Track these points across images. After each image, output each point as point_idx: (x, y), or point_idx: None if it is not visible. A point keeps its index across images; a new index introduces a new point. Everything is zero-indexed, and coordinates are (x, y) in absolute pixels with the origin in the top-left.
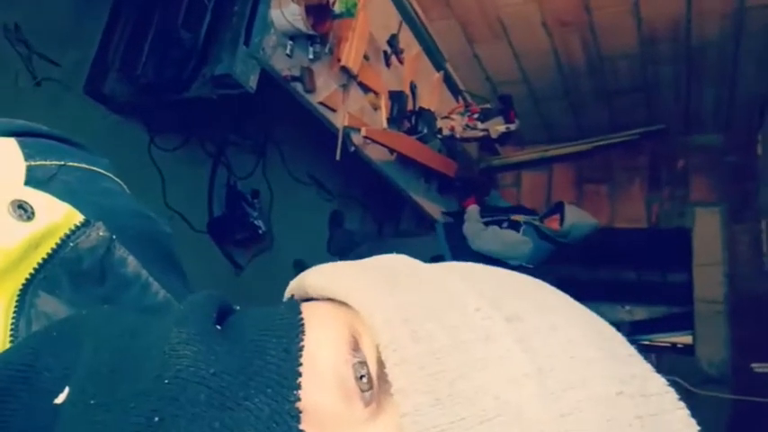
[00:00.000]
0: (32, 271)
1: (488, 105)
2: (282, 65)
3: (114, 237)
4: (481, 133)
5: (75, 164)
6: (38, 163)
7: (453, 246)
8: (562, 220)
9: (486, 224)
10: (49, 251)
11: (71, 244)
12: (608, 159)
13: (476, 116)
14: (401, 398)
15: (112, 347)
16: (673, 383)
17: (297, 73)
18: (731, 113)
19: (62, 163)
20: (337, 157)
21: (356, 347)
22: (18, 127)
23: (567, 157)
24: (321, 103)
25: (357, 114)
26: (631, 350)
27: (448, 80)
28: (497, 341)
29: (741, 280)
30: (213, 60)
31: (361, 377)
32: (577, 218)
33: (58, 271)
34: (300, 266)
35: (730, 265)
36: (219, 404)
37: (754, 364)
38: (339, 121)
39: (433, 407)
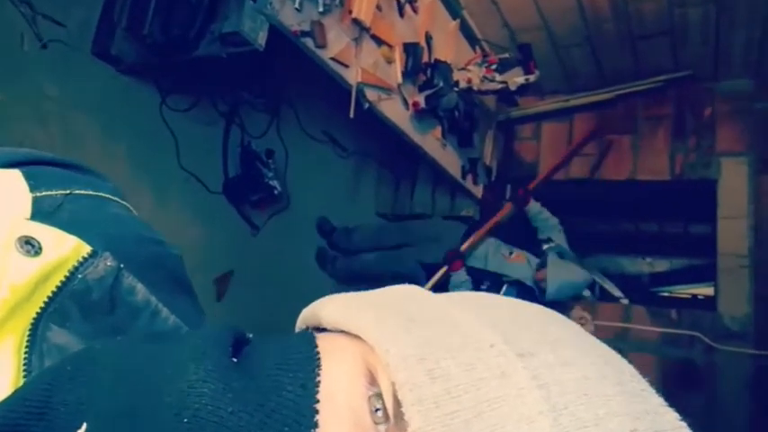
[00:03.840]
0: (42, 305)
1: (507, 55)
2: (292, 20)
3: (122, 266)
4: (500, 86)
5: (82, 191)
6: (43, 194)
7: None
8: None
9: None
10: (59, 284)
11: (79, 276)
12: (631, 109)
13: (494, 67)
14: None
15: (130, 383)
16: (694, 339)
17: (307, 28)
18: (762, 57)
19: (68, 192)
20: (351, 115)
21: (372, 381)
22: (22, 156)
23: (588, 107)
24: (333, 59)
25: (371, 69)
26: (644, 384)
27: (464, 28)
28: (512, 378)
29: (767, 233)
30: (220, 17)
31: (377, 410)
32: (561, 276)
33: (67, 303)
34: (324, 224)
35: (756, 218)
36: None
37: None
38: (352, 77)
39: None
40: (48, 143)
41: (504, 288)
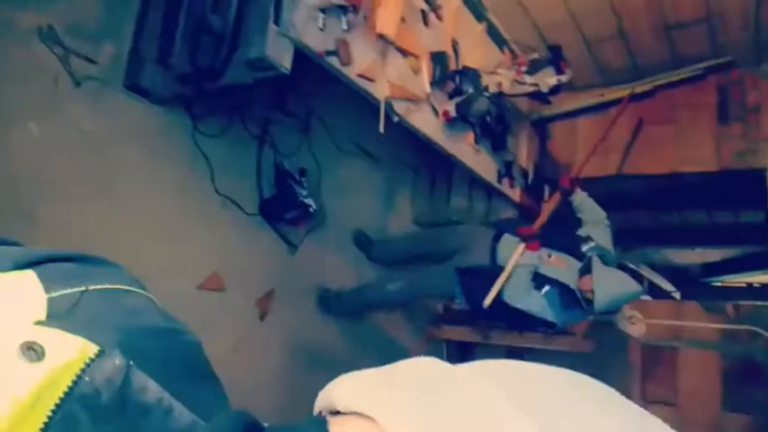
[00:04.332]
0: (50, 413)
1: (536, 55)
2: (316, 40)
3: (132, 363)
4: (531, 88)
5: (97, 286)
6: (58, 294)
7: (470, 298)
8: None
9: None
10: (66, 389)
11: (87, 378)
12: (670, 99)
13: (524, 69)
14: None
15: None
16: (754, 334)
17: (331, 47)
18: None
19: (83, 288)
20: (380, 130)
21: None
22: (37, 256)
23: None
24: (359, 76)
25: (398, 82)
26: None
27: (491, 31)
28: None
29: None
30: (245, 43)
31: None
32: (611, 288)
33: (76, 409)
34: (360, 236)
35: None
36: None
37: None
38: (379, 91)
39: None
40: (85, 178)
41: (547, 288)
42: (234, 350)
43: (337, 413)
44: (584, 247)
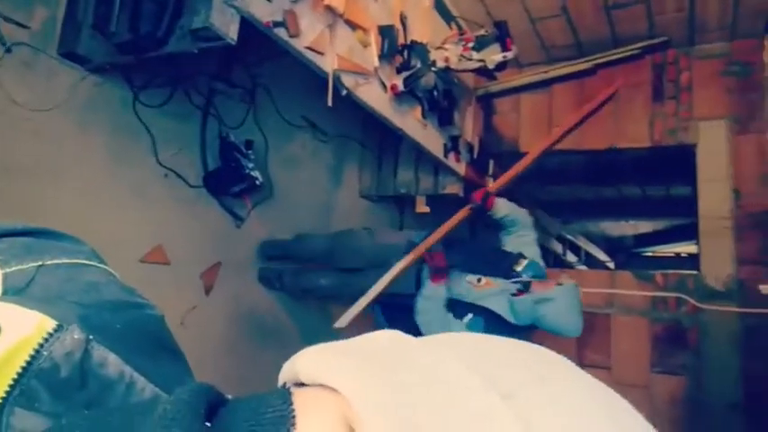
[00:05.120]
0: (7, 388)
1: (483, 32)
2: (262, 11)
3: (91, 337)
4: (477, 64)
5: (54, 261)
6: (14, 269)
7: (389, 319)
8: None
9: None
10: (23, 364)
11: (45, 353)
12: (610, 77)
13: (471, 45)
14: None
15: None
16: (680, 301)
17: (279, 18)
18: (737, 21)
19: (40, 263)
20: (328, 103)
21: None
22: None
23: (567, 77)
24: (308, 48)
25: (346, 55)
26: (638, 417)
27: (439, 6)
28: (495, 421)
29: (747, 195)
30: (189, 12)
31: None
32: (565, 313)
33: (34, 384)
34: (267, 248)
35: (736, 180)
36: None
37: (762, 286)
38: (328, 64)
39: None
40: (21, 148)
41: (470, 317)
42: (181, 324)
43: (302, 385)
44: (519, 268)
